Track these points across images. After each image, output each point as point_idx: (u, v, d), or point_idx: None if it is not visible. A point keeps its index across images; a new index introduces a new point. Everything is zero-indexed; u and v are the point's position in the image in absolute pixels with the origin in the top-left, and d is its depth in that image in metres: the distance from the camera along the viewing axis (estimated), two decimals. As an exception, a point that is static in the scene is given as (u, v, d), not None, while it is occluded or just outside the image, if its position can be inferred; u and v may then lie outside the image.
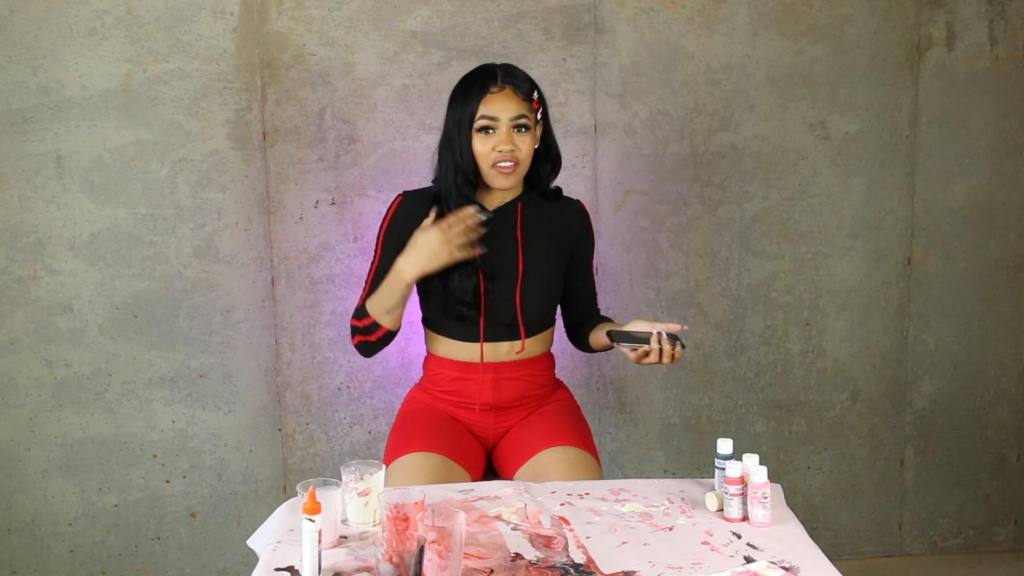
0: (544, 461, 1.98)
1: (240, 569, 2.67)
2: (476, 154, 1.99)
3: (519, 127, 1.98)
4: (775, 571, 1.48)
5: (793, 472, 2.83)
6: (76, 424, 2.58)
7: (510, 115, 1.97)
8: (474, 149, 1.99)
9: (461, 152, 2.00)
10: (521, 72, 2.03)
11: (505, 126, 1.97)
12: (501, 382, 2.08)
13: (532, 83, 2.03)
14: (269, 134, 2.54)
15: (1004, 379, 2.87)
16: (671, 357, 1.90)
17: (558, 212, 2.13)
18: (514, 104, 1.97)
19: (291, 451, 2.66)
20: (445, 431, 2.06)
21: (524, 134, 1.99)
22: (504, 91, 1.98)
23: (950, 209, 2.78)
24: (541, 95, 2.04)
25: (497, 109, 1.97)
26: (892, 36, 2.69)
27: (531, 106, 2.00)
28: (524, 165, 2.01)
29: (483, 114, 1.97)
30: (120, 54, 2.46)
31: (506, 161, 1.97)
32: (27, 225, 2.50)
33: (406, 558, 1.33)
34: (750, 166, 2.69)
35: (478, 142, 1.98)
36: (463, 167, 2.00)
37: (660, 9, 2.61)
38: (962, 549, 2.93)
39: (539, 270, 2.07)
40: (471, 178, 2.01)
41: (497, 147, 1.97)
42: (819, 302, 2.77)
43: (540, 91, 2.04)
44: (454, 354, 2.09)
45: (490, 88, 1.98)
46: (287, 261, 2.59)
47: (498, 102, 1.97)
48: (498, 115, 1.97)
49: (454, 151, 2.01)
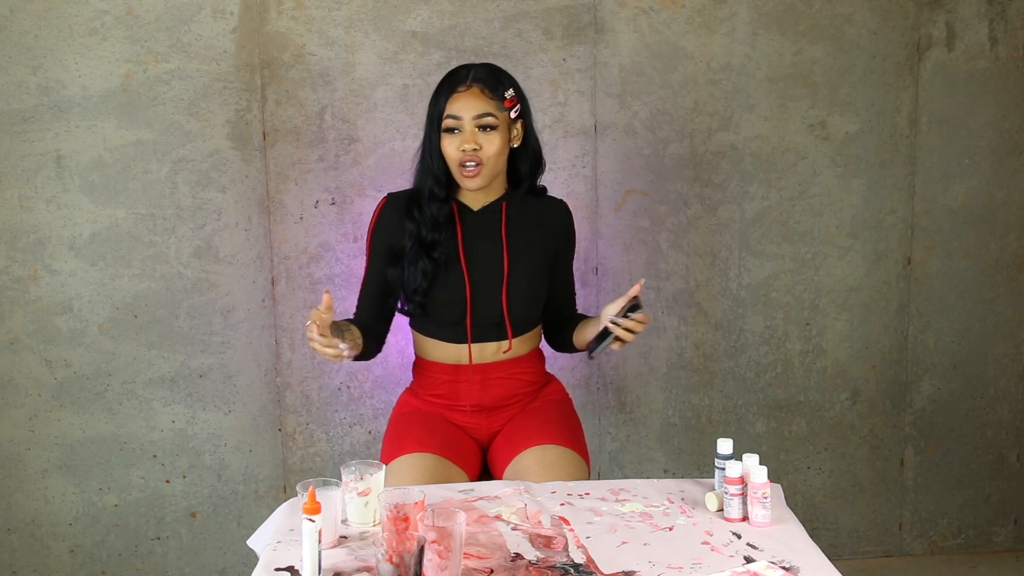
0: (523, 462, 1.99)
1: (240, 569, 2.67)
2: (445, 155, 2.00)
3: (484, 127, 1.97)
4: (775, 571, 1.48)
5: (793, 472, 2.83)
6: (76, 424, 2.58)
7: (473, 114, 1.96)
8: (443, 150, 2.00)
9: (431, 154, 2.01)
10: (495, 70, 2.02)
11: (469, 125, 1.97)
12: (489, 382, 2.08)
13: (505, 82, 2.01)
14: (269, 134, 2.54)
15: (1004, 379, 2.87)
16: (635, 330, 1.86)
17: (542, 211, 2.13)
18: (479, 103, 1.97)
19: (291, 451, 2.66)
20: (439, 431, 2.06)
21: (490, 133, 1.97)
22: (471, 90, 1.98)
23: (950, 209, 2.78)
24: (519, 92, 2.03)
25: (460, 108, 1.97)
26: (892, 36, 2.68)
27: (501, 104, 1.98)
28: (490, 165, 1.99)
29: (448, 113, 1.98)
30: (120, 54, 2.46)
31: (469, 162, 1.97)
32: (27, 225, 2.50)
33: (406, 558, 1.33)
34: (750, 166, 2.69)
35: (446, 143, 1.99)
36: (433, 169, 2.02)
37: (660, 9, 2.61)
38: (962, 549, 2.93)
39: (524, 269, 2.07)
40: (442, 179, 2.02)
41: (460, 146, 1.97)
42: (819, 302, 2.77)
43: (518, 89, 2.03)
44: (442, 357, 2.09)
45: (457, 88, 1.98)
46: (287, 261, 2.59)
47: (462, 101, 1.97)
48: (461, 114, 1.97)
49: (425, 153, 2.03)
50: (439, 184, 2.02)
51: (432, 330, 2.08)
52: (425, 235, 2.02)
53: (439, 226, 2.03)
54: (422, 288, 2.02)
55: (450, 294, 2.03)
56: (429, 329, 2.09)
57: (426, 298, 2.02)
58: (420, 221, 2.03)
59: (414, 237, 2.03)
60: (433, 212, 2.03)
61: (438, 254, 2.02)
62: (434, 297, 2.03)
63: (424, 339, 2.11)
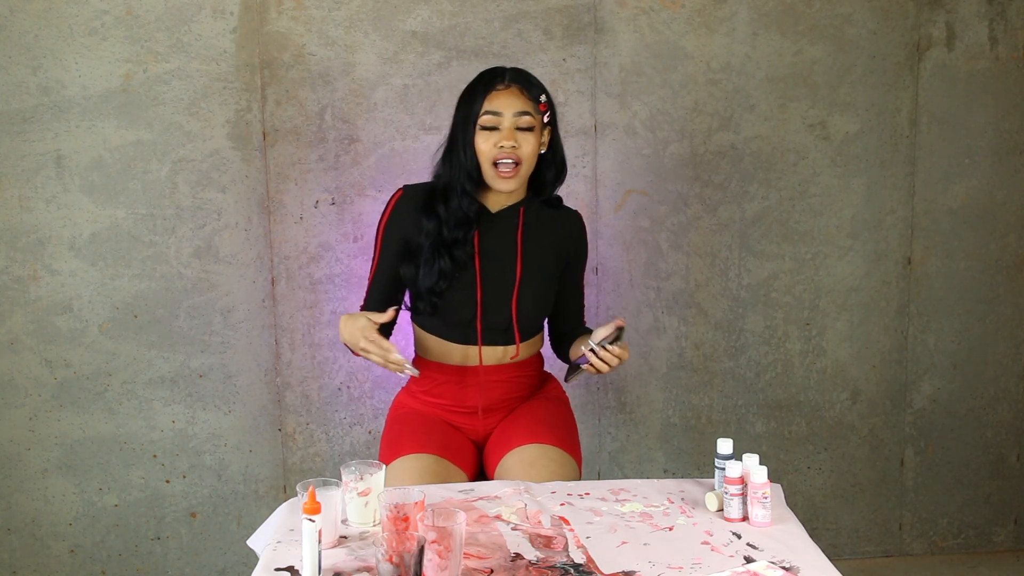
0: (507, 463, 1.99)
1: (240, 569, 2.67)
2: (479, 152, 1.98)
3: (523, 127, 1.97)
4: (775, 571, 1.48)
5: (793, 472, 2.83)
6: (76, 424, 2.58)
7: (514, 111, 1.96)
8: (477, 147, 1.98)
9: (465, 150, 1.99)
10: (528, 74, 2.03)
11: (508, 122, 1.96)
12: (492, 385, 2.08)
13: (542, 87, 2.02)
14: (269, 134, 2.54)
15: (1004, 379, 2.87)
16: (612, 363, 1.90)
17: (557, 221, 2.13)
18: (519, 101, 1.97)
19: (291, 451, 2.66)
20: (436, 432, 2.06)
21: (528, 134, 1.98)
22: (510, 88, 1.98)
23: (950, 209, 2.78)
24: (550, 100, 2.03)
25: (501, 104, 1.97)
26: (892, 36, 2.69)
27: (537, 107, 1.99)
28: (526, 166, 1.99)
29: (487, 109, 1.97)
30: (120, 54, 2.46)
31: (507, 159, 1.96)
32: (27, 225, 2.50)
33: (406, 558, 1.33)
34: (750, 166, 2.69)
35: (481, 140, 1.98)
36: (466, 166, 1.99)
37: (660, 9, 2.61)
38: (962, 549, 2.93)
39: (536, 277, 2.07)
40: (473, 176, 2.00)
41: (499, 143, 1.96)
42: (819, 302, 2.77)
43: (550, 97, 2.03)
44: (448, 357, 2.08)
45: (496, 85, 1.98)
46: (287, 261, 2.59)
47: (503, 98, 1.97)
48: (502, 110, 1.96)
49: (458, 150, 2.01)
50: (471, 181, 2.00)
51: (440, 329, 2.07)
52: (447, 234, 2.00)
53: (464, 223, 2.01)
54: (439, 288, 2.00)
55: (462, 295, 2.02)
56: (437, 328, 2.08)
57: (440, 298, 2.01)
58: (444, 218, 2.01)
59: (433, 235, 2.01)
60: (463, 207, 2.00)
61: (459, 253, 2.00)
62: (446, 297, 2.02)
63: (429, 338, 2.10)
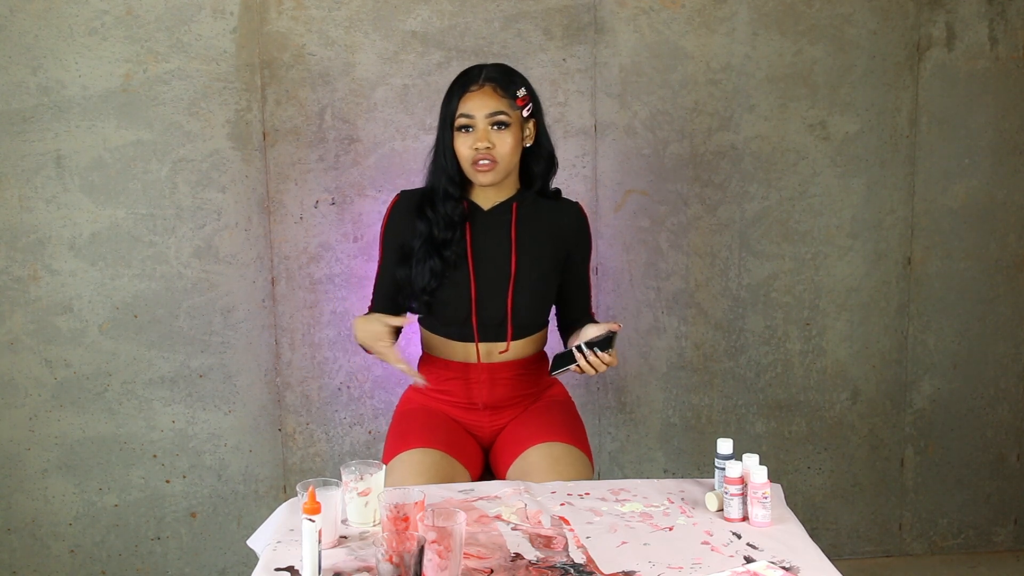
0: (530, 459, 1.99)
1: (240, 569, 2.67)
2: (458, 154, 2.01)
3: (497, 124, 1.98)
4: (775, 571, 1.48)
5: (793, 472, 2.83)
6: (76, 424, 2.58)
7: (486, 112, 1.98)
8: (456, 149, 2.01)
9: (445, 153, 2.03)
10: (507, 69, 2.04)
11: (482, 123, 1.98)
12: (496, 381, 2.08)
13: (517, 81, 2.03)
14: (269, 134, 2.54)
15: (1004, 379, 2.87)
16: (598, 367, 1.90)
17: (555, 213, 2.13)
18: (492, 101, 1.98)
19: (291, 451, 2.66)
20: (443, 428, 2.07)
21: (503, 132, 1.99)
22: (483, 89, 1.99)
23: (950, 209, 2.78)
24: (531, 92, 2.04)
25: (474, 107, 1.98)
26: (892, 36, 2.68)
27: (513, 103, 2.00)
28: (504, 163, 2.00)
29: (461, 112, 1.99)
30: (120, 54, 2.46)
31: (483, 159, 1.98)
32: (27, 225, 2.50)
33: (406, 558, 1.33)
34: (750, 166, 2.69)
35: (459, 141, 2.00)
36: (447, 168, 2.03)
37: (660, 9, 2.61)
38: (962, 549, 2.93)
39: (532, 271, 2.07)
40: (455, 178, 2.03)
41: (473, 145, 1.98)
42: (819, 302, 2.77)
43: (530, 88, 2.04)
44: (451, 354, 2.09)
45: (470, 87, 2.00)
46: (287, 261, 2.59)
47: (475, 99, 1.98)
48: (474, 112, 1.98)
49: (439, 152, 2.04)
50: (453, 183, 2.03)
51: (439, 328, 2.09)
52: (437, 234, 2.03)
53: (452, 225, 2.04)
54: (430, 287, 2.03)
55: (455, 293, 2.03)
56: (437, 327, 2.10)
57: (433, 297, 2.03)
58: (433, 220, 2.04)
59: (424, 236, 2.04)
60: (448, 211, 2.03)
61: (449, 253, 2.02)
62: (439, 296, 2.03)
63: (433, 336, 2.12)
